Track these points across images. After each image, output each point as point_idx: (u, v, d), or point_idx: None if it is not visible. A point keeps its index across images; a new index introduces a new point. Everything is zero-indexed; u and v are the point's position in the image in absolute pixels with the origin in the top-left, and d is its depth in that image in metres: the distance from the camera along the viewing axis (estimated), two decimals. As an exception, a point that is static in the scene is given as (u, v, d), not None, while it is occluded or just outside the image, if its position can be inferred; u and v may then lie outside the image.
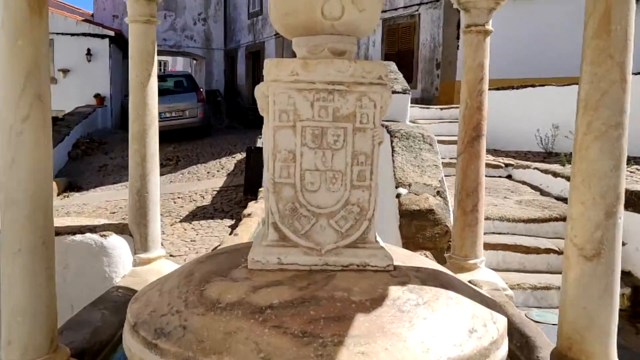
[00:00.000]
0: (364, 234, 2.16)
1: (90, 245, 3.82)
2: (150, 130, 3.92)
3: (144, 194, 3.94)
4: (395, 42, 14.77)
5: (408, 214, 4.42)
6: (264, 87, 2.15)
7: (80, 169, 12.89)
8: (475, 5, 3.85)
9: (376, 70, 2.15)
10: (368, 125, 2.14)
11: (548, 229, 5.10)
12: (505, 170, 7.50)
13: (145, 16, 3.78)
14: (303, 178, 2.13)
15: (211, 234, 7.82)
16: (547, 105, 8.29)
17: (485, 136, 4.08)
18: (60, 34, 17.57)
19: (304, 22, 2.14)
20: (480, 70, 3.95)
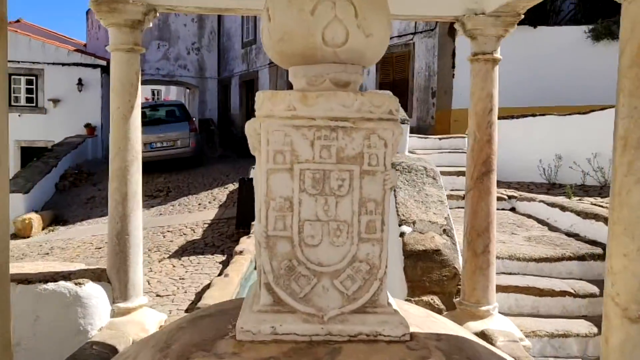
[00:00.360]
0: (375, 296, 1.83)
1: (64, 295, 3.45)
2: (132, 167, 3.60)
3: (125, 236, 3.60)
4: (390, 71, 14.62)
5: (413, 255, 4.09)
6: (256, 124, 1.84)
7: (67, 201, 12.50)
8: (483, 33, 3.60)
9: (386, 104, 1.85)
10: (377, 168, 1.83)
11: (561, 268, 4.77)
12: (508, 203, 7.20)
13: (129, 44, 3.50)
14: (302, 230, 1.81)
15: (201, 270, 7.43)
16: (549, 135, 8.05)
17: (495, 171, 3.79)
18: (51, 64, 17.36)
19: (302, 49, 1.85)
20: (489, 101, 3.68)
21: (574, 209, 5.76)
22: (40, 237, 10.24)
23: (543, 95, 10.38)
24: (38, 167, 12.84)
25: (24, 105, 17.42)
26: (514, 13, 3.43)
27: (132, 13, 3.43)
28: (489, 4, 3.44)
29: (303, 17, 1.79)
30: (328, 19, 1.79)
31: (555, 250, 4.93)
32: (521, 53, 9.82)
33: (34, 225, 10.26)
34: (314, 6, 1.79)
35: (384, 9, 1.91)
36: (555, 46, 10.91)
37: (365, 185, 1.81)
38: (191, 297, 6.44)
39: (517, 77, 9.22)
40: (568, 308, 4.46)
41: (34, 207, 11.30)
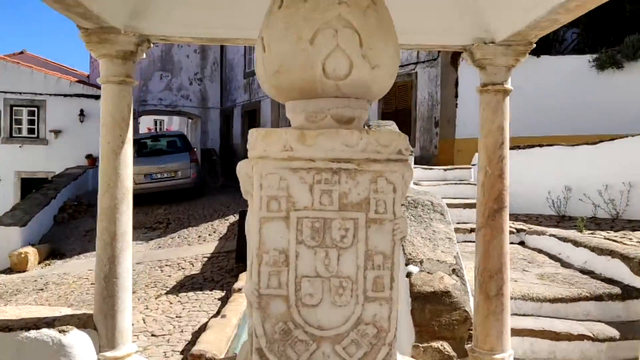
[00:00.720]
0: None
1: (47, 344, 3.20)
2: (122, 205, 3.38)
3: (113, 279, 3.35)
4: (393, 101, 14.54)
5: (421, 297, 3.83)
6: (249, 166, 1.63)
7: (65, 233, 12.26)
8: (493, 63, 3.41)
9: (394, 143, 1.64)
10: (385, 216, 1.61)
11: (578, 309, 4.49)
12: (517, 237, 6.94)
13: (120, 76, 3.32)
14: (299, 288, 1.58)
15: (199, 308, 7.16)
16: (558, 166, 7.84)
17: (508, 208, 3.56)
18: (53, 95, 17.36)
19: (300, 82, 1.65)
20: (500, 134, 3.47)
21: (587, 245, 5.50)
22: (36, 272, 9.98)
23: (549, 125, 10.22)
24: (36, 199, 12.65)
25: (25, 137, 17.36)
26: (525, 42, 3.25)
27: (124, 44, 3.26)
28: (499, 32, 3.26)
29: (301, 47, 1.60)
30: (329, 48, 1.60)
31: (570, 290, 4.66)
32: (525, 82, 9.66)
33: (30, 259, 10.01)
34: (314, 34, 1.60)
35: (392, 38, 1.71)
36: (559, 75, 10.80)
37: (372, 236, 1.59)
38: (187, 337, 6.16)
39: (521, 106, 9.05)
40: (587, 353, 4.18)
41: (31, 240, 11.07)
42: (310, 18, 1.60)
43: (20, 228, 10.68)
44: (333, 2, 1.61)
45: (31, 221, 11.27)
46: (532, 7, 2.80)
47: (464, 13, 3.36)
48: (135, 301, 7.61)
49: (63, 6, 2.70)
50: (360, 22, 1.62)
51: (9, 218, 10.96)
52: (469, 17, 3.36)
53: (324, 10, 1.61)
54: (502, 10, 3.18)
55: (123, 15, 3.19)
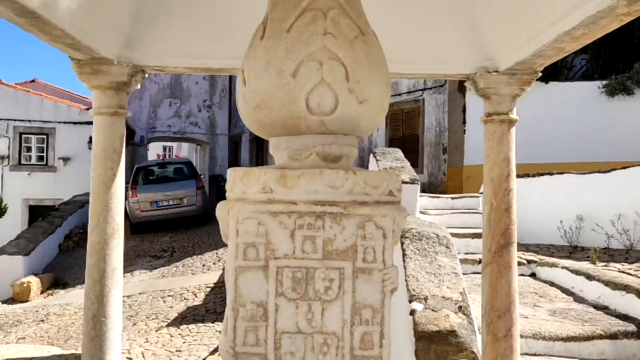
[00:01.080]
0: None
1: (30, 387, 3.05)
2: (113, 240, 3.26)
3: (101, 318, 3.22)
4: (400, 127, 14.45)
5: (425, 337, 3.63)
6: (225, 209, 1.50)
7: (70, 262, 12.15)
8: (497, 92, 3.29)
9: (385, 184, 1.50)
10: (375, 265, 1.46)
11: (592, 348, 4.26)
12: (528, 268, 6.71)
13: (113, 108, 3.24)
14: (279, 345, 1.43)
15: (200, 341, 6.95)
16: (569, 195, 7.63)
17: (516, 243, 3.40)
18: (62, 123, 17.48)
19: (283, 117, 1.52)
20: (506, 166, 3.33)
21: (601, 278, 5.28)
22: (38, 302, 9.84)
23: (558, 152, 10.04)
24: (42, 227, 12.59)
25: (34, 164, 17.43)
26: (530, 71, 3.13)
27: (117, 75, 3.19)
28: (503, 61, 3.15)
29: (283, 81, 1.48)
30: (313, 82, 1.48)
31: (583, 327, 4.43)
32: (533, 109, 9.58)
33: (33, 289, 9.88)
34: (297, 67, 1.48)
35: (381, 70, 1.59)
36: (568, 102, 10.66)
37: (360, 287, 1.44)
38: (187, 372, 5.97)
39: (530, 134, 8.94)
40: (603, 395, 3.94)
41: (35, 269, 10.96)
42: (293, 50, 1.49)
43: (24, 257, 10.58)
44: (317, 32, 1.50)
45: (35, 250, 11.18)
46: (536, 35, 2.69)
47: (466, 41, 3.26)
48: (136, 333, 7.44)
49: (52, 38, 2.62)
50: (347, 53, 1.50)
51: (13, 247, 10.87)
52: (471, 45, 3.26)
53: (307, 42, 1.49)
54: (506, 39, 3.07)
55: (116, 45, 3.12)
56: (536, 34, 2.69)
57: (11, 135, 16.93)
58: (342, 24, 1.51)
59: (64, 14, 2.43)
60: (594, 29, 2.36)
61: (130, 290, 9.65)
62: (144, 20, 3.09)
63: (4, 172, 16.88)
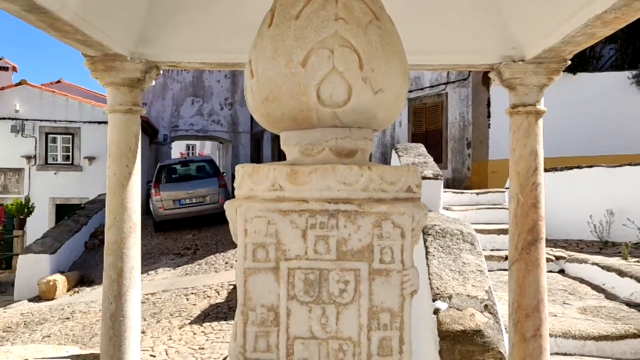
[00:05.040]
0: None
1: (48, 387, 3.03)
2: (130, 239, 3.22)
3: (119, 318, 3.18)
4: (423, 122, 14.25)
5: (450, 336, 3.51)
6: (233, 208, 1.42)
7: (96, 260, 12.28)
8: (523, 82, 3.14)
9: (403, 179, 1.40)
10: (392, 266, 1.36)
11: (625, 347, 4.09)
12: (556, 264, 6.52)
13: (127, 105, 3.19)
14: (291, 352, 1.34)
15: (222, 339, 6.93)
16: (599, 189, 7.39)
17: (544, 239, 3.25)
18: (87, 122, 17.70)
19: (292, 110, 1.43)
20: (533, 159, 3.18)
21: (634, 275, 5.08)
22: (64, 300, 9.96)
23: (587, 144, 9.76)
24: (68, 226, 12.75)
25: (60, 164, 17.69)
26: (558, 59, 2.98)
27: (130, 71, 3.14)
28: (530, 49, 3.00)
29: (292, 71, 1.39)
30: (324, 71, 1.39)
31: (616, 326, 4.26)
32: (561, 101, 9.30)
33: (59, 287, 10.00)
34: (306, 56, 1.39)
35: (398, 57, 1.48)
36: (597, 93, 10.35)
37: (377, 290, 1.35)
38: (209, 370, 5.95)
39: (558, 126, 8.69)
40: (637, 397, 3.77)
41: (61, 267, 11.10)
42: (302, 37, 1.39)
43: (50, 255, 10.72)
44: (328, 18, 1.40)
45: (61, 248, 11.32)
46: (565, 20, 2.54)
47: (490, 29, 3.12)
48: (159, 331, 7.47)
49: (62, 34, 2.58)
50: (360, 40, 1.40)
51: (39, 245, 11.02)
52: (496, 33, 3.11)
53: (317, 28, 1.39)
54: (532, 25, 2.92)
55: (128, 41, 3.07)
56: (565, 20, 2.54)
57: (37, 136, 17.21)
58: (355, 8, 1.41)
59: (73, 9, 2.38)
60: (627, 12, 2.21)
61: (153, 288, 9.71)
62: (157, 15, 3.03)
63: (31, 172, 17.18)
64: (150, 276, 10.66)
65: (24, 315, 9.05)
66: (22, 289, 10.40)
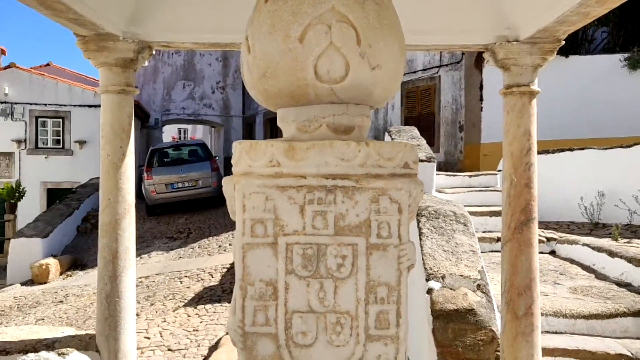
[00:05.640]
0: (389, 415, 1.35)
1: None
2: (124, 221, 3.22)
3: (115, 299, 3.19)
4: (415, 105, 14.24)
5: (443, 315, 3.56)
6: (231, 184, 1.42)
7: (88, 244, 12.27)
8: (517, 62, 3.15)
9: (400, 155, 1.41)
10: (390, 241, 1.37)
11: (615, 326, 4.16)
12: (547, 246, 6.58)
13: (120, 85, 3.17)
14: (290, 325, 1.36)
15: (217, 321, 6.98)
16: (590, 171, 7.45)
17: (537, 219, 3.28)
18: (77, 106, 17.52)
19: (290, 86, 1.43)
20: (526, 140, 3.20)
21: (624, 255, 5.14)
22: (57, 283, 9.96)
23: (579, 127, 9.81)
24: (59, 210, 12.70)
25: (50, 147, 17.54)
26: (552, 39, 2.98)
27: (123, 51, 3.11)
28: (524, 29, 3.00)
29: (289, 46, 1.39)
30: (322, 47, 1.38)
31: (606, 304, 4.32)
32: (553, 84, 9.32)
33: (51, 270, 10.00)
34: (304, 31, 1.38)
35: (396, 34, 1.48)
36: (589, 76, 10.38)
37: (374, 264, 1.36)
38: (204, 351, 5.99)
39: (550, 109, 8.72)
40: (626, 374, 3.84)
41: (53, 251, 11.08)
42: (299, 12, 1.39)
43: (42, 239, 10.69)
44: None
45: (53, 232, 11.29)
46: None
47: (484, 10, 3.11)
48: (154, 313, 7.50)
49: (54, 12, 2.55)
50: (358, 15, 1.40)
51: (31, 229, 10.99)
52: (490, 13, 3.11)
53: (315, 3, 1.39)
54: (527, 5, 2.92)
55: (121, 21, 3.04)
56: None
57: (27, 119, 17.05)
58: (352, -17, 1.41)
59: (65, -13, 2.35)
60: (622, -10, 2.21)
61: (147, 272, 9.72)
62: (150, -7, 3.00)
63: (22, 156, 17.04)
64: (143, 260, 10.67)
65: (17, 299, 9.06)
66: (15, 273, 10.39)
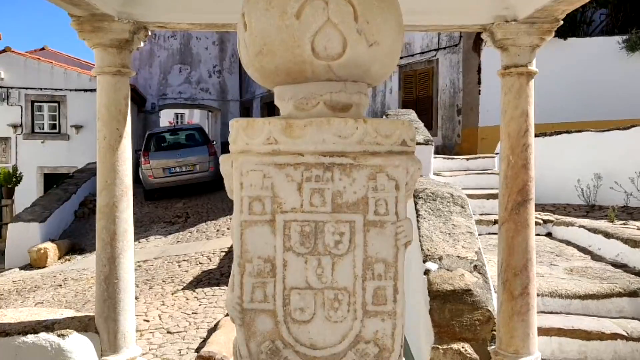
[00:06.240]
0: (386, 389, 1.37)
1: (45, 348, 3.06)
2: (122, 203, 3.22)
3: (114, 280, 3.20)
4: (413, 89, 14.19)
5: (440, 296, 3.59)
6: (228, 162, 1.42)
7: (86, 228, 12.28)
8: (515, 43, 3.14)
9: (397, 132, 1.41)
10: (387, 218, 1.38)
11: (610, 306, 4.20)
12: (544, 228, 6.62)
13: (115, 67, 3.15)
14: (288, 302, 1.37)
15: (215, 304, 7.02)
16: (587, 153, 7.46)
17: (533, 200, 3.30)
18: (73, 90, 17.42)
19: (287, 63, 1.42)
20: (524, 121, 3.20)
21: (620, 236, 5.18)
22: (56, 267, 9.99)
23: (577, 110, 9.80)
24: (57, 195, 12.69)
25: (47, 132, 17.47)
26: (551, 19, 2.97)
27: (118, 32, 3.08)
28: (522, 9, 2.98)
29: (286, 22, 1.38)
30: (319, 23, 1.37)
31: (602, 285, 4.36)
32: (551, 66, 9.29)
33: (50, 255, 10.01)
34: (300, 7, 1.37)
35: (393, 10, 1.47)
36: (587, 58, 10.35)
37: (372, 241, 1.36)
38: (203, 334, 6.03)
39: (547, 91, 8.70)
40: (620, 353, 3.89)
41: (51, 235, 11.09)
42: (296, -12, 1.37)
43: (40, 224, 10.69)
44: (323, -32, 1.38)
45: (51, 217, 11.29)
46: (558, -23, 2.52)
47: (482, -11, 3.09)
48: (152, 297, 7.53)
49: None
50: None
51: (29, 214, 10.99)
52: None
53: (312, -21, 1.38)
54: (525, -16, 2.90)
55: (116, 1, 3.01)
56: (558, -23, 2.53)
57: (23, 104, 16.94)
58: (350, -42, 1.39)
59: (59, -35, 2.32)
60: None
61: (145, 256, 9.75)
62: (145, -27, 2.97)
63: (18, 141, 16.97)
64: (141, 244, 10.69)
65: (15, 283, 9.08)
66: (13, 257, 10.40)
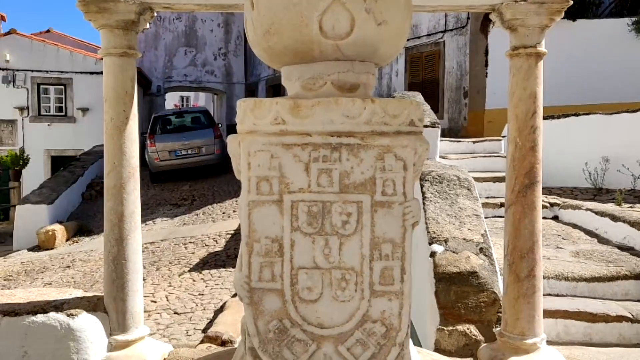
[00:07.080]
0: (393, 368, 1.38)
1: (55, 328, 3.09)
2: (129, 184, 3.23)
3: (122, 261, 3.22)
4: (420, 71, 14.09)
5: (446, 278, 3.61)
6: (236, 143, 1.42)
7: (93, 210, 12.36)
8: (524, 23, 3.10)
9: (406, 112, 1.40)
10: (395, 198, 1.38)
11: (616, 289, 4.20)
12: (550, 211, 6.60)
13: (122, 48, 3.13)
14: (295, 281, 1.38)
15: (222, 285, 7.09)
16: (595, 136, 7.40)
17: (540, 183, 3.28)
18: (79, 73, 17.40)
19: (294, 43, 1.42)
20: (532, 102, 3.17)
21: (626, 219, 5.16)
22: (64, 249, 10.09)
23: (585, 92, 9.71)
24: (64, 177, 12.76)
25: (53, 115, 17.50)
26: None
27: (124, 13, 3.06)
28: (532, -12, 2.94)
29: (294, 1, 1.37)
30: (327, 2, 1.37)
31: (608, 268, 4.36)
32: (559, 48, 9.18)
33: (58, 236, 10.10)
34: (308, -14, 1.36)
35: (401, -11, 1.46)
36: (596, 40, 10.23)
37: (379, 221, 1.37)
38: (209, 315, 6.10)
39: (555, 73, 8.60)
40: (625, 335, 3.91)
41: (59, 217, 11.18)
42: (304, -34, 1.36)
43: (48, 206, 10.77)
44: (331, -54, 1.36)
45: (58, 199, 11.36)
46: (569, -44, 2.48)
47: (491, -32, 3.04)
48: (159, 278, 7.60)
49: (53, -28, 2.51)
50: (364, -31, 1.37)
51: (36, 196, 11.07)
52: (497, -28, 3.04)
53: (320, -43, 1.36)
54: (535, -37, 2.85)
55: (121, -19, 2.98)
56: (569, -44, 2.48)
57: (29, 86, 16.95)
58: None
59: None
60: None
61: (152, 238, 9.82)
62: (150, -47, 2.94)
63: (25, 123, 17.02)
64: (148, 226, 10.76)
65: (24, 264, 9.18)
66: (21, 239, 10.51)
